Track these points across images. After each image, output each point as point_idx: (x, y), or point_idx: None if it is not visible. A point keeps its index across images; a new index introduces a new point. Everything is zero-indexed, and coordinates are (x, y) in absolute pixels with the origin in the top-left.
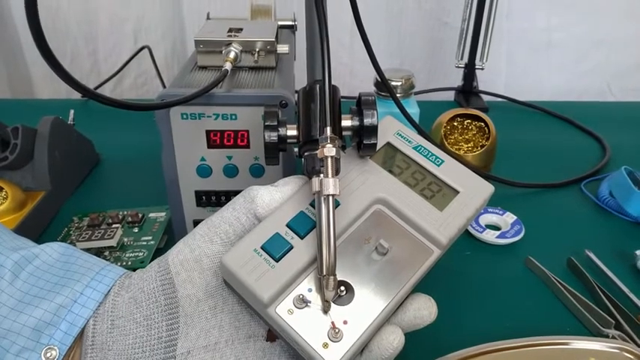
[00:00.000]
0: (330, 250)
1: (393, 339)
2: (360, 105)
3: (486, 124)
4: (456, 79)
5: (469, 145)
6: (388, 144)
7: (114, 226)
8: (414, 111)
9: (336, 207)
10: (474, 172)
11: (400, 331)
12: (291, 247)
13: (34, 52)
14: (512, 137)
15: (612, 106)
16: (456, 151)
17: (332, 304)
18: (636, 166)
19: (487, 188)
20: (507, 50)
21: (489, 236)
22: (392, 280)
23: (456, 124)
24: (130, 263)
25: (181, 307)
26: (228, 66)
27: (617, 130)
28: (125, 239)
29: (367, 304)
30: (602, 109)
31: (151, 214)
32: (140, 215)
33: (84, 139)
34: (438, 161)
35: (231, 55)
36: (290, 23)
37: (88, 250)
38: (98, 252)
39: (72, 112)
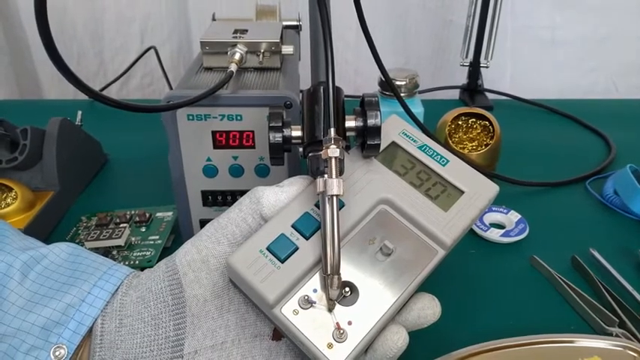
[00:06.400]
0: (335, 249)
1: (397, 339)
2: (364, 106)
3: (491, 123)
4: (461, 78)
5: (473, 143)
6: (393, 143)
7: (122, 225)
8: (418, 110)
9: (341, 208)
10: (479, 171)
11: (404, 330)
12: (297, 248)
13: (41, 52)
14: (517, 135)
15: (617, 103)
16: (461, 150)
17: (337, 305)
18: None
19: (492, 188)
20: (512, 48)
21: (494, 235)
22: (396, 281)
23: (460, 122)
24: (137, 262)
25: (188, 307)
26: (233, 67)
27: (623, 127)
28: (133, 239)
29: (371, 305)
30: (607, 106)
31: (158, 214)
32: (147, 215)
33: (91, 139)
34: (443, 161)
35: (237, 56)
36: (295, 23)
37: (96, 249)
38: (106, 251)
39: (79, 112)
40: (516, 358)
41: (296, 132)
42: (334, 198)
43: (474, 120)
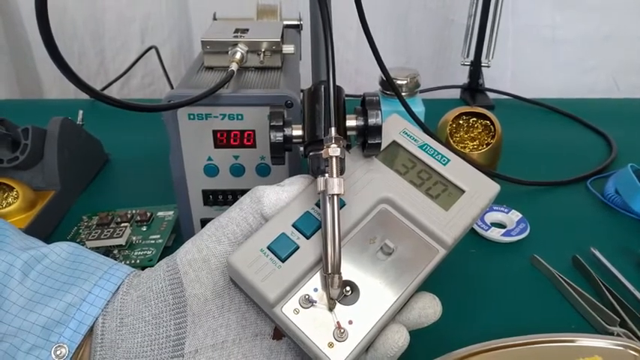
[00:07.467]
0: (335, 249)
1: (398, 338)
2: (365, 105)
3: (492, 122)
4: (462, 77)
5: (475, 143)
6: (394, 142)
7: (123, 224)
8: (419, 110)
9: (342, 207)
10: (480, 171)
11: (405, 329)
12: (297, 248)
13: (42, 51)
14: (518, 135)
15: (619, 102)
16: (462, 150)
17: (337, 304)
18: None
19: (493, 187)
20: (513, 47)
21: (495, 234)
22: (397, 280)
23: (461, 122)
24: (138, 262)
25: (189, 307)
26: (234, 66)
27: (624, 127)
28: (134, 238)
29: (372, 304)
30: (608, 105)
31: (159, 213)
32: (148, 214)
33: (92, 139)
34: (444, 160)
35: (237, 55)
36: (296, 23)
37: (97, 248)
38: (107, 250)
39: (81, 112)
40: (517, 357)
41: (297, 131)
42: (335, 197)
43: (475, 119)
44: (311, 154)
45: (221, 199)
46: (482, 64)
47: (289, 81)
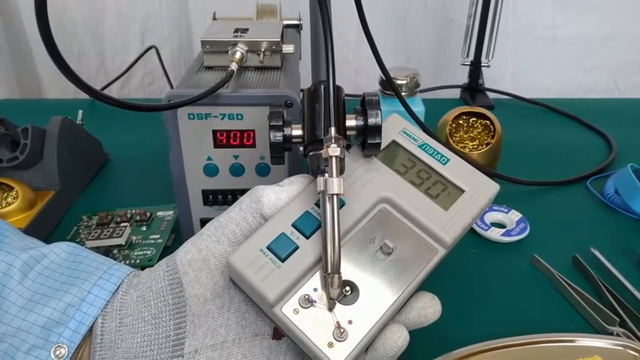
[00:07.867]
0: (335, 248)
1: (398, 337)
2: (364, 105)
3: (492, 122)
4: (462, 77)
5: (474, 143)
6: (394, 142)
7: (122, 224)
8: (419, 109)
9: (341, 206)
10: (479, 170)
11: (405, 329)
12: (297, 247)
13: (42, 50)
14: (518, 135)
15: (619, 102)
16: (462, 150)
17: (337, 304)
18: None
19: (492, 187)
20: (513, 47)
21: (494, 234)
22: (397, 280)
23: (461, 122)
24: (138, 261)
25: (189, 307)
26: (234, 66)
27: (624, 127)
28: (133, 238)
29: (372, 304)
30: (608, 105)
31: (159, 213)
32: (148, 214)
33: (92, 138)
34: (443, 160)
35: (237, 55)
36: (295, 22)
37: (97, 248)
38: (107, 250)
39: (80, 112)
40: (517, 357)
41: (296, 131)
42: (335, 197)
43: (474, 119)
44: (311, 153)
45: (221, 198)
46: (482, 64)
47: (289, 81)
